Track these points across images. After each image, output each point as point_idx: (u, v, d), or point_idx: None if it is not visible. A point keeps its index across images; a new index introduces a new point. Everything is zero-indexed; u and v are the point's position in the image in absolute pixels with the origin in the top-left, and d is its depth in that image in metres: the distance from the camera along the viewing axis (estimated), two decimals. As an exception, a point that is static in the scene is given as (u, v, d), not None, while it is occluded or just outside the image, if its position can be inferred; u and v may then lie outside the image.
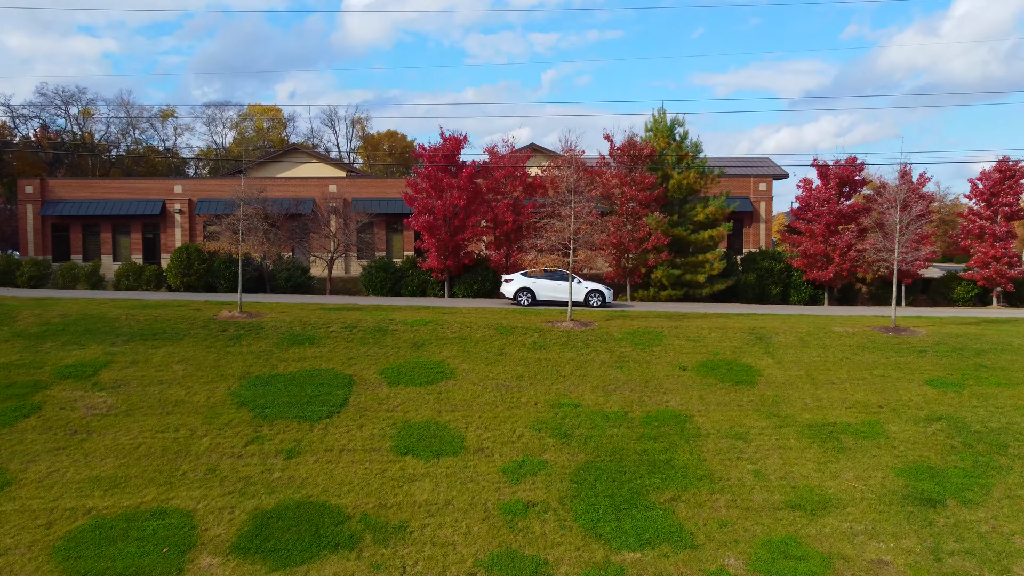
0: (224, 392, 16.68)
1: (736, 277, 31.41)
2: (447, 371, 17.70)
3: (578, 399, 16.68)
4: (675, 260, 30.22)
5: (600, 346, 19.37)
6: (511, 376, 17.59)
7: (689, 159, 30.80)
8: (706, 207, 30.73)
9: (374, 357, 18.39)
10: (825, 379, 17.89)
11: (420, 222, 29.35)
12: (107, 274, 32.98)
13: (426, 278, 31.38)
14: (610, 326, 20.98)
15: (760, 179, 38.63)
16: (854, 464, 14.56)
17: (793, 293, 31.80)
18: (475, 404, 16.34)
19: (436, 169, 30.09)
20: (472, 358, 18.42)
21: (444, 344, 19.20)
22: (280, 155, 45.89)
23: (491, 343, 19.34)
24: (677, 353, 19.07)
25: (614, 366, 18.25)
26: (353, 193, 37.42)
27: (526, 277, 26.79)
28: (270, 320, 20.67)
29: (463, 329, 20.23)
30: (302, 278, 31.52)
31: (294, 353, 18.53)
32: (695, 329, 20.82)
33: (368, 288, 31.61)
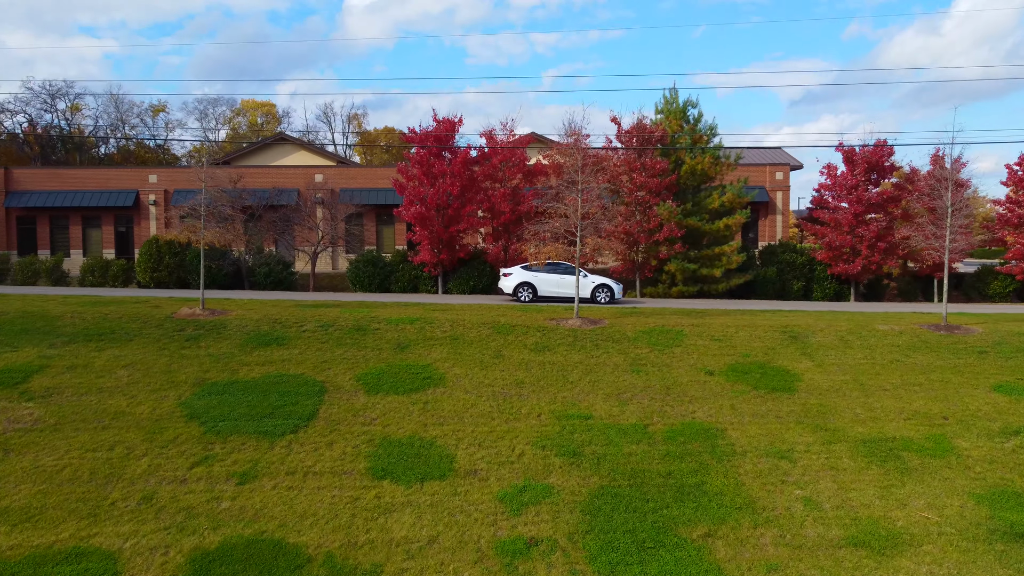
0: (173, 402, 14.19)
1: (754, 271, 28.92)
2: (435, 377, 15.21)
3: (588, 409, 14.19)
4: (689, 253, 27.74)
5: (612, 347, 16.87)
6: (510, 382, 15.11)
7: (704, 143, 28.30)
8: (722, 194, 28.23)
9: (351, 360, 15.89)
10: (876, 385, 15.40)
11: (411, 212, 26.87)
12: (73, 269, 30.50)
13: (418, 273, 28.92)
14: (623, 324, 18.49)
15: (776, 167, 36.15)
16: (923, 489, 12.06)
17: (816, 288, 29.31)
18: (467, 416, 13.85)
19: (428, 154, 27.61)
20: (464, 361, 15.93)
21: (432, 345, 16.70)
22: (267, 144, 43.39)
23: (487, 344, 16.85)
24: (701, 355, 16.58)
25: (629, 370, 15.76)
26: (341, 183, 34.93)
27: (527, 271, 24.29)
28: (235, 318, 18.18)
29: (455, 328, 17.74)
30: (283, 273, 29.03)
31: (259, 356, 16.03)
32: (719, 327, 18.32)
33: (355, 284, 29.12)
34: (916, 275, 30.79)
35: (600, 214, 18.86)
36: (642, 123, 28.13)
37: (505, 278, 24.54)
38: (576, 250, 18.39)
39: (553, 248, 18.02)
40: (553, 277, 24.13)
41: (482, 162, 28.67)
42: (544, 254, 18.02)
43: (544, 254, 18.02)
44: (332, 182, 34.85)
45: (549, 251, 17.92)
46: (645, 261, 28.10)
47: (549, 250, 17.94)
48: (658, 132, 27.93)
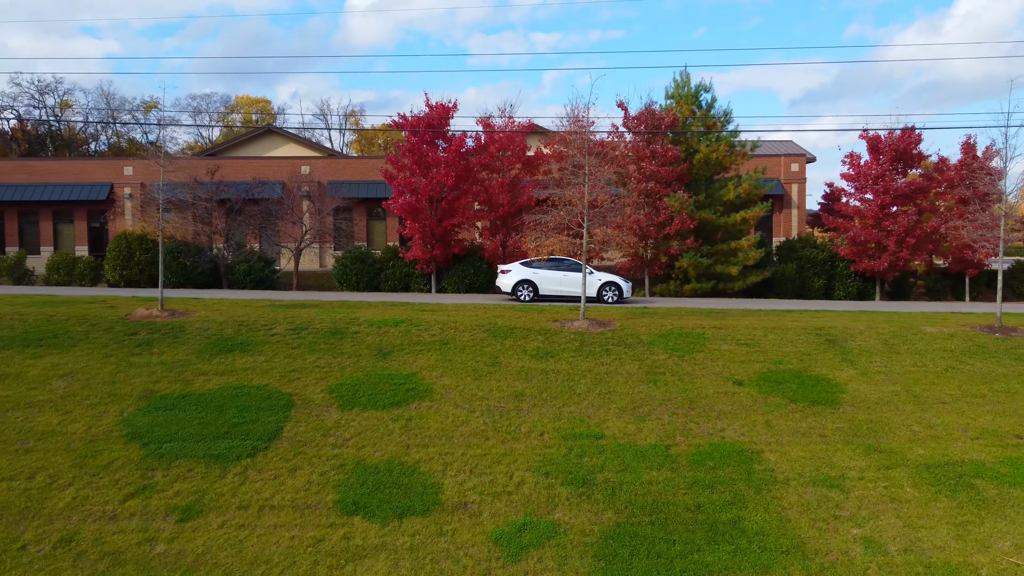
0: (113, 419, 12.11)
1: (772, 268, 26.83)
2: (421, 388, 13.12)
3: (600, 427, 12.11)
4: (702, 248, 25.65)
5: (625, 353, 14.78)
6: (508, 394, 13.01)
7: (718, 129, 26.20)
8: (738, 185, 26.13)
9: (325, 369, 13.80)
10: (931, 397, 13.31)
11: (401, 204, 24.77)
12: (40, 267, 28.42)
13: (410, 271, 26.82)
14: (635, 326, 16.39)
15: (792, 158, 34.05)
16: (1008, 527, 9.98)
17: (838, 286, 27.22)
18: (457, 435, 11.76)
19: (420, 141, 25.52)
20: (455, 370, 13.84)
21: (419, 351, 14.61)
22: (255, 136, 41.30)
23: (481, 349, 14.75)
24: (727, 362, 14.49)
25: (646, 380, 13.66)
26: (329, 175, 32.84)
27: (526, 267, 22.20)
28: (197, 321, 16.08)
29: (445, 331, 15.64)
30: (265, 271, 26.94)
31: (219, 364, 13.94)
32: (744, 330, 16.22)
33: (342, 283, 27.02)
34: (945, 272, 28.73)
35: (609, 203, 16.77)
36: (651, 109, 26.06)
37: (503, 275, 22.45)
38: (582, 243, 16.30)
39: (556, 241, 15.93)
40: (556, 274, 22.05)
41: (478, 151, 26.59)
42: (546, 247, 15.93)
43: (546, 247, 15.93)
44: (319, 174, 32.78)
45: (551, 244, 15.83)
46: (655, 257, 26.01)
47: (551, 243, 15.86)
48: (668, 118, 25.86)
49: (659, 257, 25.80)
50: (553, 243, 15.84)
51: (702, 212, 25.25)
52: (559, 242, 15.93)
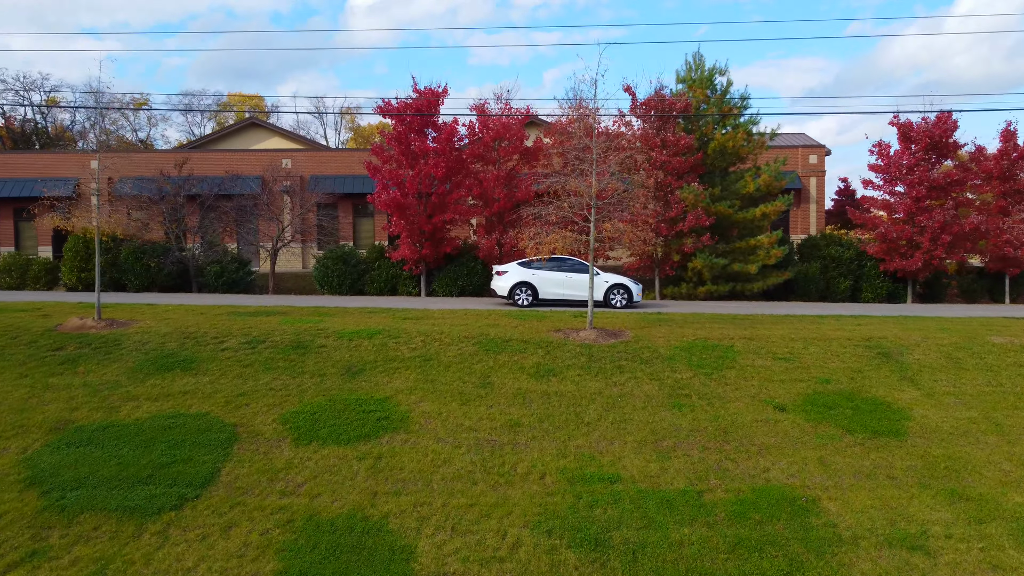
0: (14, 457, 9.77)
1: (794, 268, 24.49)
2: (395, 416, 10.77)
3: (614, 466, 9.76)
4: (718, 246, 23.32)
5: (642, 370, 12.42)
6: (501, 423, 10.67)
7: (735, 116, 23.85)
8: (757, 177, 23.79)
9: (281, 393, 11.44)
10: (1018, 425, 10.96)
11: (385, 199, 22.43)
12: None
13: (397, 272, 24.48)
14: (651, 336, 14.03)
15: (810, 149, 31.71)
16: None
17: (866, 287, 24.87)
18: (437, 478, 9.42)
19: (407, 129, 23.18)
20: (438, 393, 11.48)
21: (396, 369, 12.25)
22: (236, 130, 38.95)
23: (470, 367, 12.39)
24: (763, 381, 12.14)
25: (668, 404, 11.31)
26: (312, 168, 30.49)
27: (525, 268, 19.87)
28: (138, 332, 13.72)
29: (429, 344, 13.28)
30: (239, 273, 24.59)
31: (154, 386, 11.59)
32: (779, 341, 13.87)
33: (323, 285, 24.68)
34: (981, 272, 26.40)
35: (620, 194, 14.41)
36: (661, 94, 23.73)
37: (499, 277, 20.12)
38: (588, 239, 13.95)
39: (559, 237, 13.58)
40: (558, 276, 19.71)
41: (472, 140, 24.26)
42: (547, 245, 13.59)
43: (547, 245, 13.59)
44: (301, 168, 30.43)
45: (553, 241, 13.48)
46: (666, 256, 23.68)
47: (553, 240, 13.51)
48: (680, 103, 23.53)
49: (671, 256, 23.46)
50: (555, 240, 13.49)
51: (718, 206, 22.90)
52: (562, 239, 13.58)
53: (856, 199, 44.78)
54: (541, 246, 13.68)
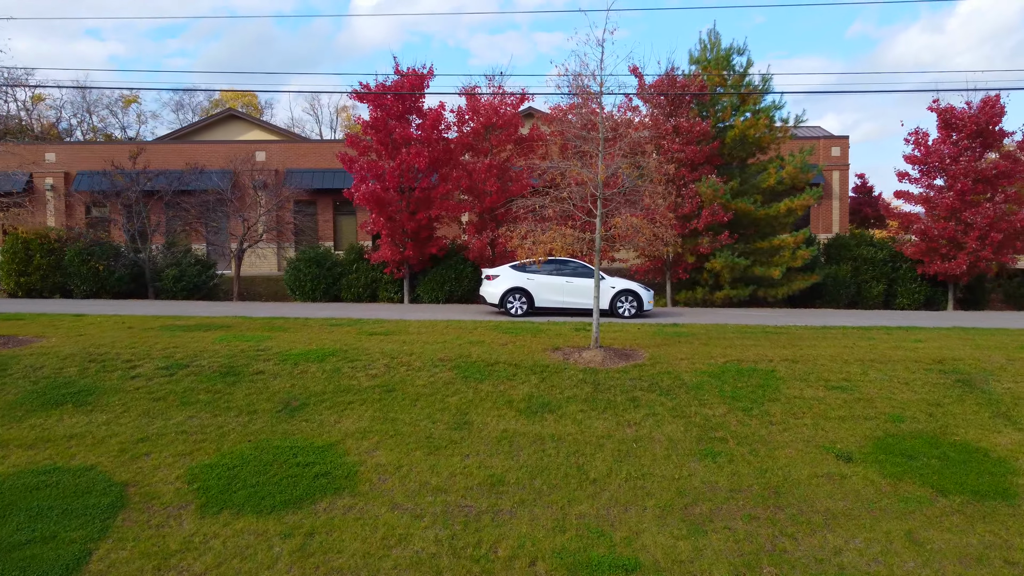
0: None
1: (820, 270, 21.87)
2: (339, 471, 8.14)
3: (630, 545, 7.14)
4: (737, 246, 20.72)
5: (662, 404, 9.78)
6: (479, 481, 8.04)
7: (755, 100, 21.23)
8: (781, 168, 21.18)
9: (195, 437, 8.82)
10: None
11: (363, 193, 19.82)
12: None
13: (378, 275, 21.90)
14: (671, 358, 11.39)
15: (833, 141, 29.08)
16: None
17: (901, 292, 22.24)
18: (387, 569, 6.79)
19: (387, 115, 20.59)
20: (400, 437, 8.85)
21: (348, 404, 9.61)
22: (214, 122, 36.32)
23: (444, 399, 9.76)
24: (818, 418, 9.51)
25: (698, 452, 8.68)
26: (288, 161, 27.90)
27: (519, 272, 17.28)
28: (34, 353, 11.08)
29: (394, 369, 10.65)
30: (200, 277, 21.99)
31: (33, 427, 8.96)
32: (829, 363, 11.22)
33: (294, 290, 22.07)
34: (1027, 275, 23.78)
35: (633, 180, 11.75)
36: (672, 75, 21.14)
37: (488, 283, 17.52)
38: (594, 238, 11.32)
39: (558, 234, 10.96)
40: (557, 280, 17.12)
41: (460, 127, 21.65)
42: (542, 245, 10.95)
43: (542, 245, 10.95)
44: (276, 160, 27.83)
45: (550, 240, 10.85)
46: (678, 257, 21.08)
47: (551, 238, 10.88)
48: (694, 86, 20.94)
49: (685, 257, 20.86)
50: (552, 238, 10.86)
51: (737, 201, 20.29)
52: (561, 237, 10.96)
53: (874, 196, 42.25)
54: (535, 246, 11.06)
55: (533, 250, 11.30)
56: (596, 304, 11.75)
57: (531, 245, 11.04)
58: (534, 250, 11.25)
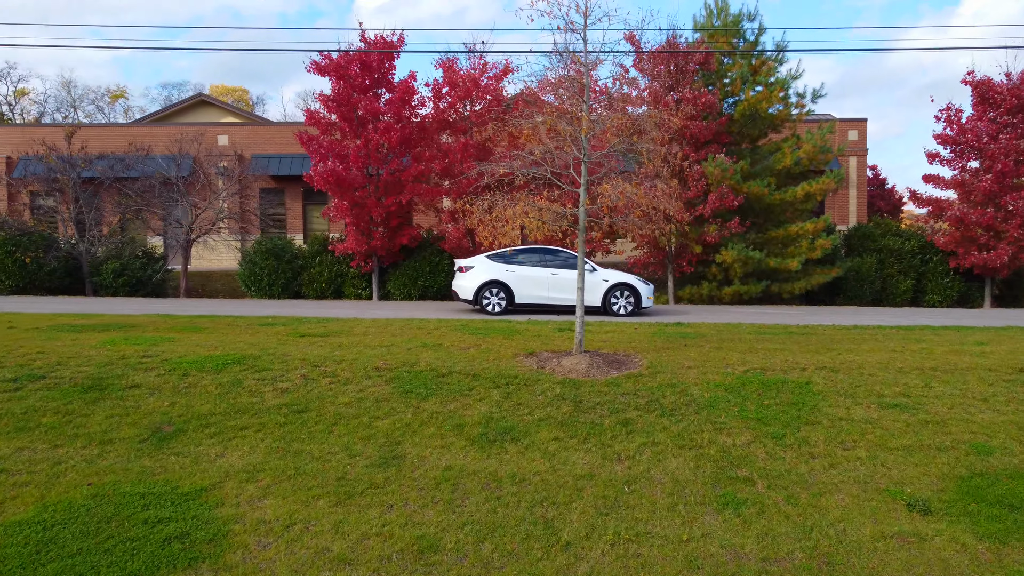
0: None
1: (843, 263, 19.44)
2: (204, 533, 5.68)
3: (618, 656, 4.69)
4: (748, 235, 18.31)
5: (664, 428, 7.31)
6: (404, 547, 5.59)
7: (769, 71, 18.78)
8: (797, 147, 18.75)
9: (14, 479, 6.35)
10: None
11: (322, 174, 17.41)
12: None
13: (343, 269, 19.49)
14: (675, 366, 8.94)
15: (850, 124, 26.64)
16: None
17: (931, 287, 19.82)
18: None
19: (351, 88, 18.16)
20: (300, 479, 6.39)
21: (240, 430, 7.15)
22: (183, 108, 33.95)
23: (372, 423, 7.30)
24: (874, 447, 7.05)
25: (715, 500, 6.23)
26: (254, 146, 25.49)
27: (496, 262, 14.88)
28: None
29: (314, 381, 8.19)
30: (145, 272, 19.58)
31: None
32: (879, 371, 8.77)
33: (250, 286, 19.66)
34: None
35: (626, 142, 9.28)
36: (674, 42, 18.73)
37: (461, 275, 15.11)
38: (577, 213, 8.88)
39: (530, 207, 8.51)
40: (540, 273, 14.70)
41: (437, 102, 19.22)
42: (509, 222, 8.51)
43: (509, 222, 8.51)
44: (241, 144, 25.43)
45: (520, 215, 8.41)
46: (682, 248, 18.66)
47: (520, 212, 8.44)
48: (699, 54, 18.51)
49: (689, 248, 18.43)
50: (525, 211, 8.42)
51: (749, 184, 17.86)
52: (535, 211, 8.51)
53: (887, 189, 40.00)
54: (501, 226, 8.61)
55: (496, 230, 8.85)
56: (580, 296, 9.28)
57: (495, 222, 8.59)
58: (497, 231, 8.80)
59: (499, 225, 8.56)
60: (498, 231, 8.88)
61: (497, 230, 8.77)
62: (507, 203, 8.61)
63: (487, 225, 8.66)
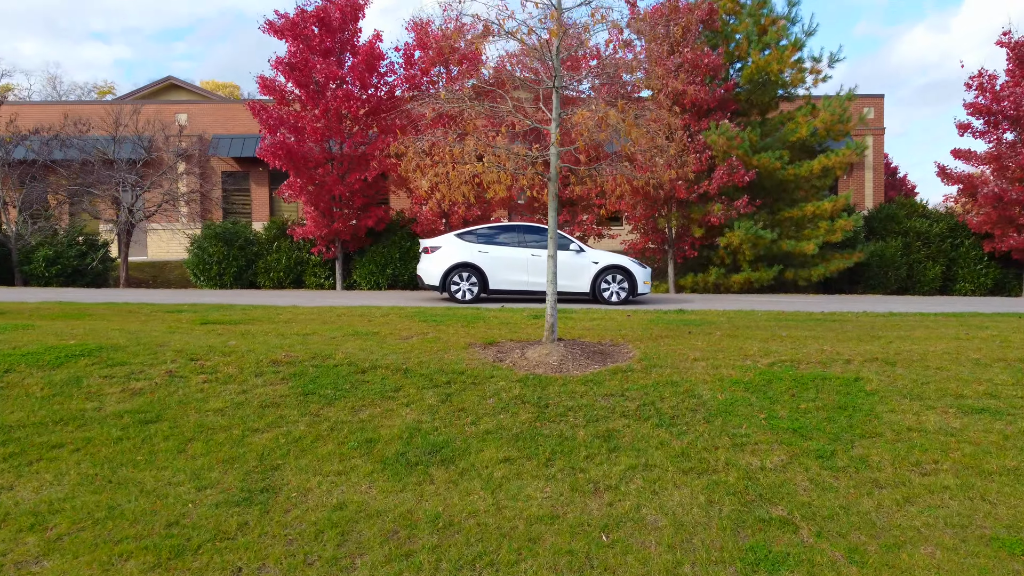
0: None
1: (864, 247, 17.30)
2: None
3: None
4: (757, 215, 16.19)
5: (660, 443, 5.17)
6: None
7: (781, 30, 16.64)
8: (813, 117, 16.62)
9: None
10: None
11: (272, 147, 15.31)
12: None
13: (304, 256, 17.38)
14: (676, 356, 6.79)
15: (865, 100, 24.46)
16: None
17: (962, 275, 17.69)
18: None
19: (308, 50, 16.05)
20: (114, 525, 4.24)
21: (52, 448, 4.98)
22: (151, 91, 31.78)
23: (245, 438, 5.15)
24: (964, 472, 4.90)
25: (737, 557, 4.08)
26: (216, 126, 23.37)
27: (467, 242, 12.77)
28: None
29: (182, 379, 6.04)
30: (82, 261, 17.46)
31: None
32: (949, 364, 6.62)
33: (199, 275, 17.54)
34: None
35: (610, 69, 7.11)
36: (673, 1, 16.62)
37: (427, 257, 12.97)
38: (549, 153, 6.73)
39: (485, 146, 6.38)
40: (519, 254, 12.58)
41: (408, 69, 17.10)
42: (457, 168, 6.36)
43: (457, 168, 6.36)
44: (202, 123, 23.32)
45: (467, 154, 6.28)
46: (683, 231, 16.55)
47: (468, 151, 6.30)
48: (700, 11, 16.39)
49: (690, 231, 16.31)
50: (471, 155, 6.28)
51: (759, 157, 15.73)
52: (493, 154, 6.38)
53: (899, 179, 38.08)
54: (447, 174, 6.47)
55: (448, 182, 6.70)
56: (552, 265, 7.11)
57: (438, 169, 6.45)
58: (449, 182, 6.65)
59: (444, 173, 6.42)
60: (448, 185, 6.73)
61: (446, 182, 6.62)
62: (455, 143, 6.47)
63: (427, 173, 6.53)
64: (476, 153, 6.57)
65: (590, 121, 5.94)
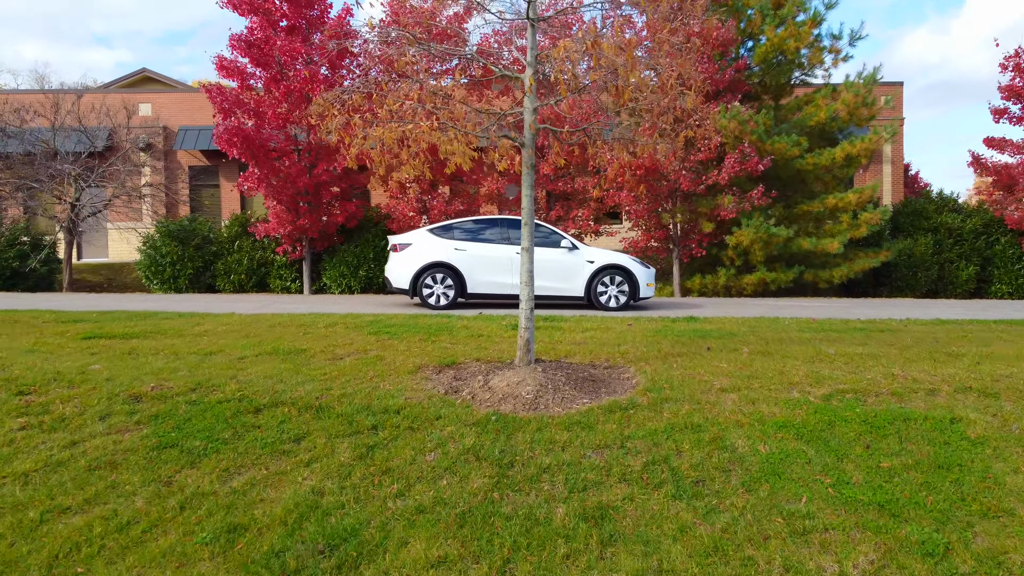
0: None
1: (891, 245, 15.55)
2: None
3: None
4: (771, 210, 14.44)
5: (681, 526, 3.44)
6: None
7: (799, 1, 14.90)
8: (833, 100, 14.87)
9: None
10: None
11: (225, 134, 13.54)
12: None
13: (268, 256, 15.62)
14: (694, 384, 5.04)
15: (884, 87, 22.69)
16: None
17: (999, 276, 15.92)
18: None
19: (268, 24, 14.32)
20: None
21: None
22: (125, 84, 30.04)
23: (43, 523, 3.41)
24: None
25: None
26: (183, 117, 21.61)
27: (440, 237, 11.02)
28: None
29: None
30: (23, 263, 15.71)
31: None
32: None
33: (152, 277, 15.77)
34: None
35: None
36: (678, -28, 14.85)
37: (395, 256, 11.22)
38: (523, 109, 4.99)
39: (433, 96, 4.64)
40: (501, 253, 10.83)
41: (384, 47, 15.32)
42: (396, 124, 4.63)
43: (396, 124, 4.63)
44: (168, 115, 21.58)
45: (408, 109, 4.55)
46: (690, 228, 14.79)
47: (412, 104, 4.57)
48: (710, -18, 14.66)
49: (698, 226, 14.54)
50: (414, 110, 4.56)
51: (773, 141, 13.99)
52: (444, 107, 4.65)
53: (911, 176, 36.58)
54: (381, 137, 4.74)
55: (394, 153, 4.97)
56: (526, 259, 5.35)
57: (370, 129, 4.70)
58: (392, 150, 4.91)
59: (378, 136, 4.67)
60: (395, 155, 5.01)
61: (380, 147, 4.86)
62: (389, 88, 4.74)
63: (357, 137, 4.79)
64: (425, 109, 4.83)
65: (575, 54, 4.22)
